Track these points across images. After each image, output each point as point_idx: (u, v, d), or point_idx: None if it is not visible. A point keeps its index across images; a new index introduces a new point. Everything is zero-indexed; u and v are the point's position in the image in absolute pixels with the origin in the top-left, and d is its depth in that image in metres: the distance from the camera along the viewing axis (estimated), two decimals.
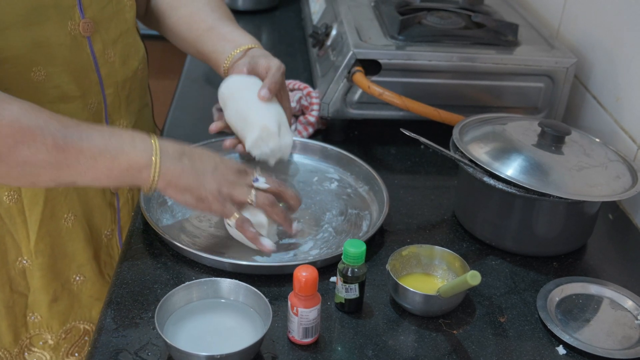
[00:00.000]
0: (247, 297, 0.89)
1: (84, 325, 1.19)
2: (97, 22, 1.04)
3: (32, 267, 1.10)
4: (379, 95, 1.23)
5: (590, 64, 1.35)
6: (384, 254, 1.03)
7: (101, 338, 0.86)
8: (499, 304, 0.96)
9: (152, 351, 0.85)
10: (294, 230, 1.01)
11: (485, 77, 1.30)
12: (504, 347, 0.89)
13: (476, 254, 1.06)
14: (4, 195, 1.04)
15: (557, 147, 1.05)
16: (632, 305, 0.96)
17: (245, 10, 1.97)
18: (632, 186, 1.01)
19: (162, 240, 1.02)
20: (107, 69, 1.08)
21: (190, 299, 0.89)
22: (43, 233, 1.09)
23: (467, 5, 1.49)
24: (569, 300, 0.97)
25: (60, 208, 1.10)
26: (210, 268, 0.98)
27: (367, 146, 1.33)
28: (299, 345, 0.87)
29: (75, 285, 1.16)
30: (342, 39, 1.35)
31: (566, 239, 1.06)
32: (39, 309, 1.14)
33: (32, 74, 0.97)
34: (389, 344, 0.88)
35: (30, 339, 1.15)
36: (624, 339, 0.91)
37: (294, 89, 1.36)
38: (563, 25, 1.48)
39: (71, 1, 1.00)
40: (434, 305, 0.91)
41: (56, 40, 0.99)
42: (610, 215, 1.18)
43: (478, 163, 1.02)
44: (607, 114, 1.28)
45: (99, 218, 1.16)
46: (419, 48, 1.30)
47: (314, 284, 0.83)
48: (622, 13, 1.25)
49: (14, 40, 0.94)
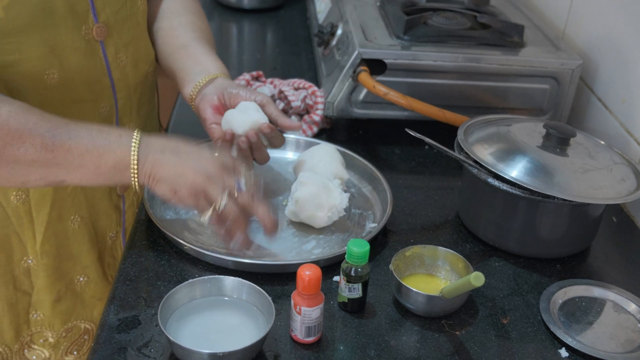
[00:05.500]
0: (250, 295, 0.89)
1: (84, 324, 1.19)
2: (110, 27, 1.04)
3: (37, 267, 1.11)
4: (384, 95, 1.23)
5: (596, 65, 1.35)
6: (388, 254, 1.03)
7: (104, 334, 0.86)
8: (502, 306, 0.96)
9: (155, 348, 0.85)
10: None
11: (490, 78, 1.30)
12: (506, 348, 0.89)
13: (479, 255, 1.06)
14: (12, 195, 1.05)
15: (562, 149, 1.04)
16: (635, 309, 0.96)
17: (251, 8, 1.97)
18: (637, 189, 1.01)
19: (166, 238, 1.02)
20: (119, 73, 1.08)
21: (194, 297, 0.89)
22: (49, 234, 1.09)
23: (473, 6, 1.49)
24: (572, 303, 0.97)
25: (67, 210, 1.10)
26: (213, 266, 0.98)
27: (371, 146, 1.33)
28: (301, 344, 0.87)
29: (78, 286, 1.16)
30: (347, 38, 1.35)
31: (570, 241, 1.05)
32: (42, 307, 1.14)
33: (45, 76, 0.97)
34: (391, 344, 0.88)
35: (32, 336, 1.16)
36: (627, 342, 0.91)
37: (299, 87, 1.36)
38: (569, 27, 1.48)
39: (85, 6, 1.00)
40: (437, 306, 0.91)
41: (70, 44, 0.99)
42: (614, 218, 1.18)
43: (482, 164, 1.02)
44: (613, 117, 1.28)
45: (104, 220, 1.17)
46: (424, 48, 1.30)
47: (317, 283, 0.84)
48: (628, 15, 1.25)
49: (28, 43, 0.94)
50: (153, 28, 1.20)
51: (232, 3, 1.97)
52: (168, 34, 1.18)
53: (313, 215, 1.04)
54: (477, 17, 1.40)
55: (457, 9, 1.45)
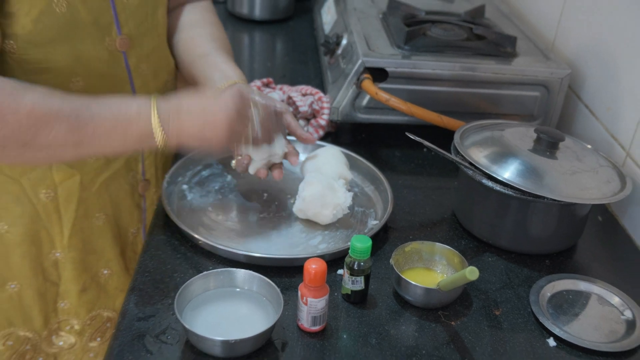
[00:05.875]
0: (260, 287, 0.89)
1: (107, 313, 1.20)
2: (133, 39, 1.04)
3: (65, 259, 1.12)
4: (385, 101, 1.23)
5: (584, 75, 1.35)
6: (388, 249, 1.03)
7: (124, 322, 0.87)
8: (494, 298, 0.96)
9: (172, 335, 0.85)
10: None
11: (485, 86, 1.30)
12: (498, 338, 0.89)
13: (474, 251, 1.06)
14: (41, 193, 1.05)
15: (552, 152, 1.05)
16: (618, 302, 0.96)
17: (262, 20, 1.97)
18: (621, 190, 1.01)
19: (182, 233, 1.02)
20: (140, 82, 1.08)
21: (208, 288, 0.89)
22: (76, 230, 1.10)
23: (469, 19, 1.49)
24: (560, 296, 0.97)
25: (92, 208, 1.11)
26: (226, 259, 0.98)
27: (373, 148, 1.33)
28: (307, 332, 0.87)
29: (102, 278, 1.17)
30: (351, 48, 1.35)
31: (558, 238, 1.06)
32: (69, 297, 1.15)
33: (71, 84, 0.98)
34: (391, 333, 0.88)
35: (59, 323, 1.16)
36: (611, 332, 0.91)
37: (307, 93, 1.36)
38: (558, 39, 1.48)
39: (109, 19, 1.00)
40: (434, 298, 0.92)
41: (95, 54, 0.99)
42: (599, 217, 1.18)
43: (477, 166, 1.02)
44: (599, 122, 1.28)
45: (126, 218, 1.17)
46: (423, 58, 1.30)
47: (322, 276, 0.84)
48: (614, 28, 1.25)
49: (57, 53, 0.95)
50: (173, 39, 1.20)
51: (245, 15, 1.98)
52: (188, 43, 1.18)
53: (319, 212, 1.04)
54: (472, 28, 1.40)
55: (455, 21, 1.45)
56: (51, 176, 1.05)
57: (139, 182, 1.17)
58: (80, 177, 1.07)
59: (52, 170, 1.04)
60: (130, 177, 1.15)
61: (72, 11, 0.94)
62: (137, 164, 1.16)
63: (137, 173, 1.17)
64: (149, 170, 1.18)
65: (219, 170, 1.19)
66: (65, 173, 1.05)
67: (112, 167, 1.11)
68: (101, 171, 1.10)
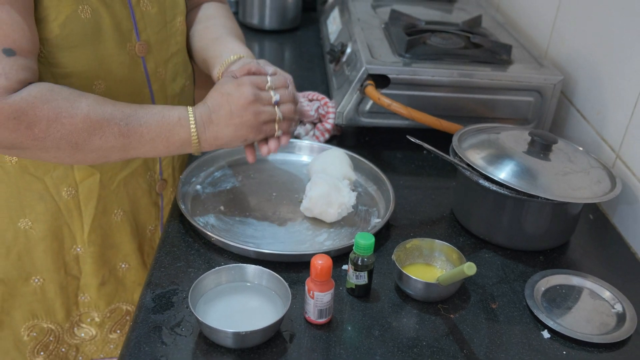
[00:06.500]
0: (269, 282, 0.88)
1: (126, 306, 1.19)
2: (151, 45, 1.04)
3: (85, 254, 1.11)
4: (387, 106, 1.22)
5: (575, 81, 1.34)
6: (390, 246, 1.02)
7: (141, 315, 0.86)
8: (491, 292, 0.95)
9: (186, 327, 0.85)
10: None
11: (481, 92, 1.29)
12: (495, 330, 0.88)
13: (471, 248, 1.05)
14: (63, 191, 1.05)
15: (545, 154, 1.03)
16: (609, 296, 0.95)
17: (271, 29, 1.97)
18: (611, 190, 1.00)
19: (196, 230, 1.01)
20: (157, 86, 1.07)
21: (220, 282, 0.88)
22: (96, 226, 1.09)
23: (467, 28, 1.48)
24: (554, 290, 0.96)
25: (112, 205, 1.10)
26: (237, 255, 0.97)
27: (376, 150, 1.33)
28: (314, 324, 0.86)
29: (120, 272, 1.16)
30: (355, 56, 1.34)
31: (551, 235, 1.04)
32: (89, 290, 1.14)
33: (93, 86, 0.97)
34: (393, 325, 0.88)
35: (80, 316, 1.16)
36: (602, 325, 0.90)
37: (313, 99, 1.35)
38: (551, 47, 1.47)
39: (129, 25, 0.99)
40: (434, 292, 0.91)
41: (116, 58, 0.99)
42: (590, 216, 1.17)
43: (474, 167, 1.01)
44: (590, 126, 1.26)
45: (144, 215, 1.16)
46: (423, 65, 1.29)
47: (328, 271, 0.83)
48: (604, 37, 1.24)
49: (80, 57, 0.94)
50: (189, 33, 1.18)
51: (255, 25, 1.97)
52: (202, 31, 1.16)
53: (325, 211, 1.03)
54: (470, 37, 1.39)
55: (453, 31, 1.44)
56: (72, 175, 1.04)
57: (156, 182, 1.16)
58: (100, 176, 1.06)
59: (73, 169, 1.04)
60: (148, 177, 1.15)
61: (96, 17, 0.94)
62: (155, 164, 1.15)
63: (155, 173, 1.16)
64: (166, 170, 1.18)
65: (230, 172, 1.18)
66: (85, 172, 1.05)
67: (130, 167, 1.10)
68: (120, 170, 1.09)
